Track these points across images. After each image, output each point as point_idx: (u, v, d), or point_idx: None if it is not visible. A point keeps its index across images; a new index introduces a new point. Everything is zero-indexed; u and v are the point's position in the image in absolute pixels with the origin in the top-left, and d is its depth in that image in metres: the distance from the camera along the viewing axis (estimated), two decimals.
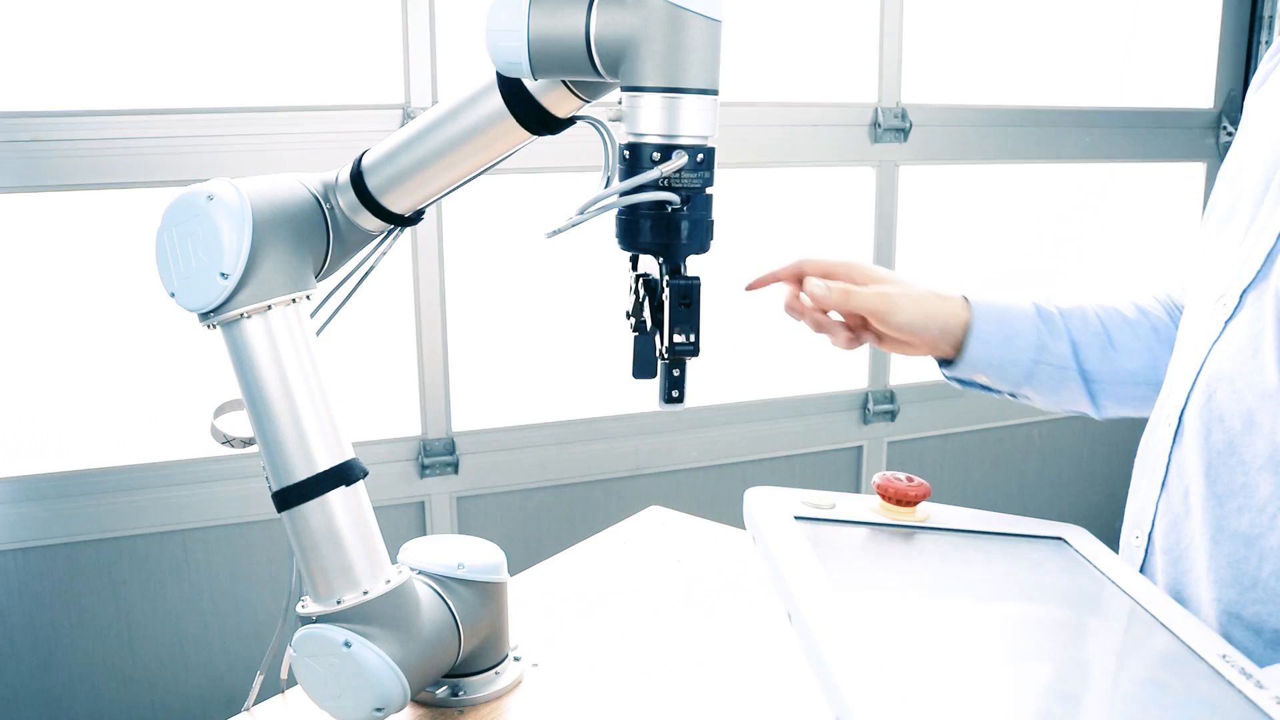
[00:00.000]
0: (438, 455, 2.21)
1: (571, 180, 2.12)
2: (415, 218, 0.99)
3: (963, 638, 0.69)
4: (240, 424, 0.95)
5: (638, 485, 2.37)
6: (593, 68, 0.80)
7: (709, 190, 0.81)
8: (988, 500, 2.75)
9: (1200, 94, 2.73)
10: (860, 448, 2.60)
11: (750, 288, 0.98)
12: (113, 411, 2.02)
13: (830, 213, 2.46)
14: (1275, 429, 0.74)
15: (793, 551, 0.69)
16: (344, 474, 0.91)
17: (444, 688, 1.04)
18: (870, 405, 2.55)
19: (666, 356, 0.80)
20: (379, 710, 0.91)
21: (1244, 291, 0.79)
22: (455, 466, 2.23)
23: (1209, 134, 2.71)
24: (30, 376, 1.97)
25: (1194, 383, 0.81)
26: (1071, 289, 1.07)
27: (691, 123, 0.78)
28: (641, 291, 0.82)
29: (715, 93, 0.79)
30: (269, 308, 0.89)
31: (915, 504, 0.80)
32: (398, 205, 0.95)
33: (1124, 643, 0.72)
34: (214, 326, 0.90)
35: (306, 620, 0.92)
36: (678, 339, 0.79)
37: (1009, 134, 2.54)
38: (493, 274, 2.20)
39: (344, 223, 0.96)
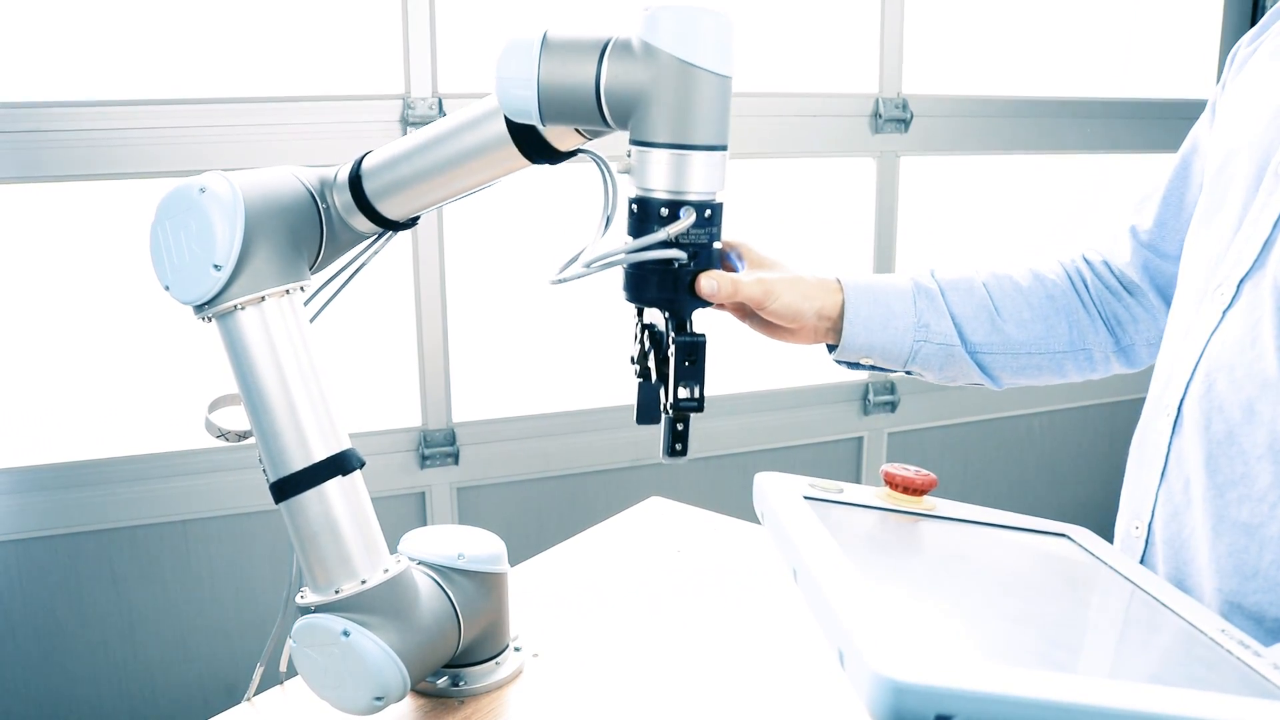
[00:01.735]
0: (438, 446, 2.21)
1: (573, 171, 2.11)
2: (408, 223, 0.99)
3: (965, 595, 0.71)
4: (235, 418, 0.96)
5: (638, 476, 2.37)
6: (601, 118, 0.80)
7: (716, 245, 0.81)
8: (987, 491, 2.75)
9: (1202, 84, 2.72)
10: (860, 439, 2.60)
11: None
12: (113, 402, 2.02)
13: (831, 204, 2.46)
14: (1275, 418, 0.74)
15: (801, 520, 0.70)
16: (341, 464, 0.91)
17: (444, 678, 1.04)
18: (870, 396, 2.55)
19: (671, 411, 0.80)
20: (379, 699, 0.91)
21: (1241, 281, 0.78)
22: (456, 457, 2.23)
23: None
24: (31, 367, 1.97)
25: (1193, 373, 0.80)
26: (970, 258, 1.06)
27: (699, 179, 0.78)
28: (647, 343, 0.83)
29: (724, 148, 0.79)
30: (263, 299, 0.89)
31: (922, 493, 0.81)
32: (392, 211, 0.96)
33: (1124, 614, 0.73)
34: (209, 319, 0.91)
35: (305, 611, 0.93)
36: (683, 394, 0.79)
37: (1010, 125, 2.53)
38: (493, 265, 2.20)
39: (338, 221, 0.97)
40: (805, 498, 0.76)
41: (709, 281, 0.82)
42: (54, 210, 1.92)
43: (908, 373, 1.01)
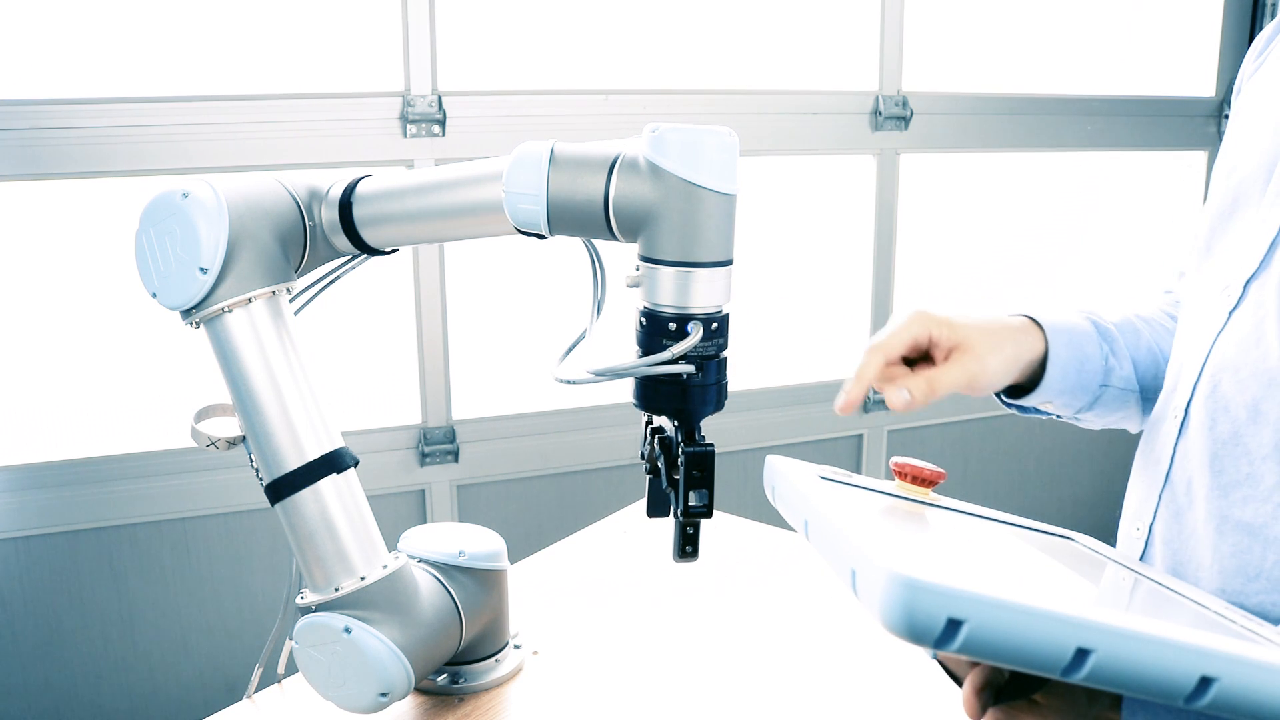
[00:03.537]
0: (438, 443, 2.21)
1: None
2: (387, 252, 1.00)
3: (975, 559, 0.71)
4: (222, 426, 0.95)
5: (638, 473, 2.36)
6: (610, 233, 0.82)
7: (723, 355, 0.83)
8: (987, 490, 2.75)
9: (1202, 82, 2.72)
10: (860, 436, 2.60)
11: (845, 410, 0.84)
12: (113, 399, 2.02)
13: (831, 201, 2.46)
14: None
15: (815, 487, 0.71)
16: (334, 462, 0.91)
17: (444, 675, 1.04)
18: (871, 393, 2.55)
19: (681, 517, 0.82)
20: (383, 696, 0.91)
21: (1247, 282, 0.78)
22: (455, 455, 2.23)
23: (1210, 122, 2.71)
24: (30, 365, 1.96)
25: (1199, 374, 0.80)
26: (1099, 297, 1.03)
27: (706, 294, 0.80)
28: (656, 447, 0.86)
29: (730, 263, 0.81)
30: (250, 301, 0.89)
31: (930, 485, 0.82)
32: (374, 239, 0.97)
33: (1130, 590, 0.74)
34: (197, 325, 0.91)
35: (306, 611, 0.93)
36: (693, 501, 0.81)
37: (1010, 122, 2.53)
38: (492, 263, 2.20)
39: (320, 235, 0.97)
40: (821, 478, 0.77)
41: (898, 397, 0.80)
42: (51, 208, 1.92)
43: (1074, 418, 0.95)
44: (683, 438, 0.82)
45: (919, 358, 0.87)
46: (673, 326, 0.80)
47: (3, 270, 1.92)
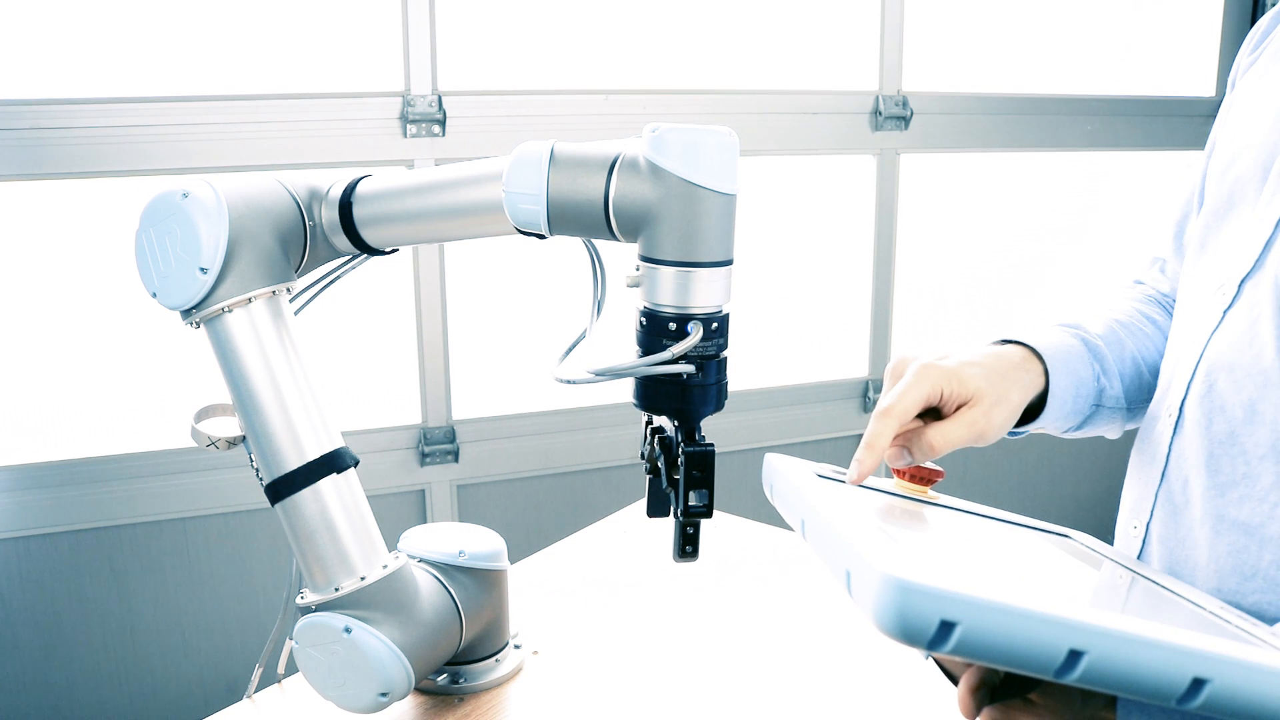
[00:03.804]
0: (438, 443, 2.21)
1: None
2: (387, 251, 1.00)
3: (972, 558, 0.71)
4: (222, 426, 0.96)
5: (638, 473, 2.37)
6: (610, 232, 0.82)
7: (724, 354, 0.83)
8: (988, 491, 2.75)
9: (1202, 82, 2.72)
10: (860, 436, 2.59)
11: (858, 481, 0.81)
12: (114, 399, 2.02)
13: (831, 201, 2.46)
14: (1277, 417, 0.73)
15: (812, 485, 0.71)
16: (334, 462, 0.92)
17: (444, 675, 1.04)
18: (871, 393, 2.55)
19: (681, 517, 0.83)
20: (383, 695, 0.91)
21: (1242, 281, 0.78)
22: (456, 454, 2.23)
23: (1210, 122, 2.70)
24: (30, 365, 1.97)
25: (1193, 373, 0.80)
26: (1079, 301, 1.01)
27: (706, 294, 0.81)
28: (656, 447, 0.86)
29: (730, 263, 0.81)
30: (250, 300, 0.90)
31: (928, 483, 0.82)
32: (374, 239, 0.97)
33: (1127, 588, 0.74)
34: (198, 325, 0.91)
35: (306, 611, 0.93)
36: (693, 501, 0.81)
37: (1010, 122, 2.53)
38: (492, 263, 2.20)
39: (320, 235, 0.97)
40: (819, 475, 0.77)
41: (900, 461, 0.80)
42: (52, 208, 1.92)
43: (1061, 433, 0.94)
44: (683, 438, 0.83)
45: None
46: (673, 326, 0.81)
47: (3, 270, 1.92)
